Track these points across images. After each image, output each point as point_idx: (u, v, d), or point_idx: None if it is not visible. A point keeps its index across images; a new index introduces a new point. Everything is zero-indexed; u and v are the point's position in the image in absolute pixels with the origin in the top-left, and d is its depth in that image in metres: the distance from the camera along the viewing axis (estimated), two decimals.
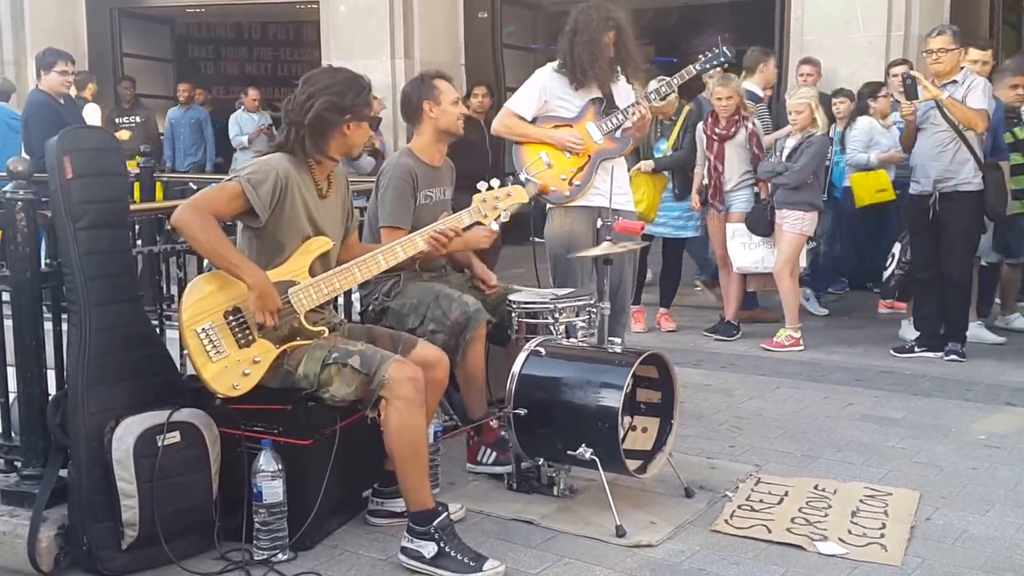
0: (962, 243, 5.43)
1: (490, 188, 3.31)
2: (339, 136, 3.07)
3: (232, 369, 2.93)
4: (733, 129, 6.04)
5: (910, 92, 5.31)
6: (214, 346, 2.92)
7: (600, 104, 4.34)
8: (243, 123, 9.74)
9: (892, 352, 5.66)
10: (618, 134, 4.36)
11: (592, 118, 4.34)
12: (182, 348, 3.02)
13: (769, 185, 5.95)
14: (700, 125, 6.20)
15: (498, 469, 3.66)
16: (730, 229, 6.09)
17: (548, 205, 4.42)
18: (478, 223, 3.30)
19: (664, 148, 6.25)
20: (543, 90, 4.36)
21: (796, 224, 5.77)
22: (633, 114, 4.31)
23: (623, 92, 4.43)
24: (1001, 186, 5.45)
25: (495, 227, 3.37)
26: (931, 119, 5.40)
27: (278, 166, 3.01)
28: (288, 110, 3.07)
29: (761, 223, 5.87)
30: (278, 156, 3.07)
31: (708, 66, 4.55)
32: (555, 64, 4.39)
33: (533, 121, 4.36)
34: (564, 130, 4.32)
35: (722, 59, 4.52)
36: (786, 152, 5.80)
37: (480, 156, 6.33)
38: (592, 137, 4.32)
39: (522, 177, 4.25)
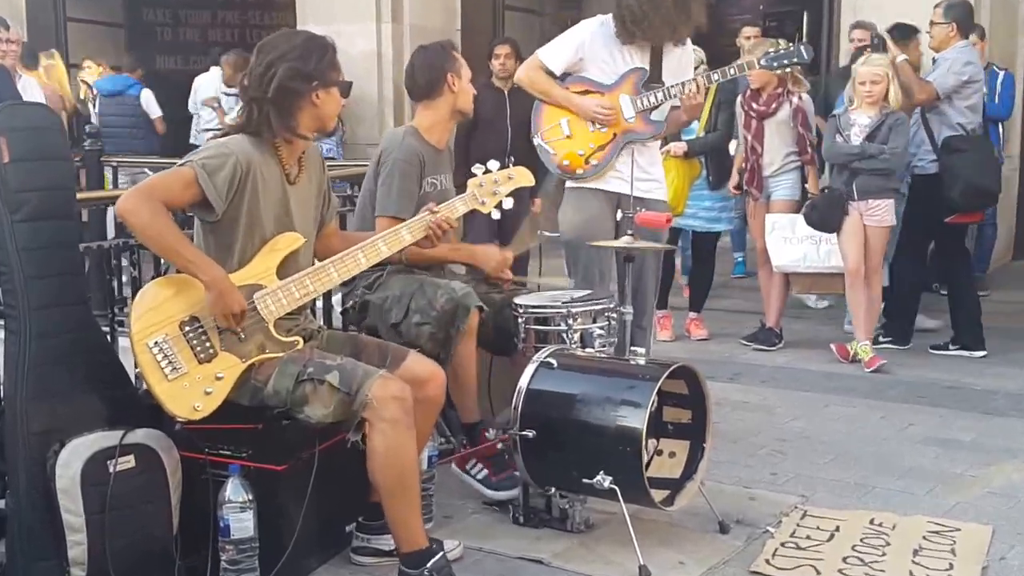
0: (906, 230, 5.95)
1: (487, 171, 3.32)
2: (308, 108, 3.06)
3: (192, 388, 2.93)
4: (775, 104, 6.01)
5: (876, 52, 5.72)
6: (169, 362, 2.91)
7: (642, 76, 4.26)
8: (210, 94, 9.58)
9: (931, 350, 5.96)
10: (654, 115, 4.31)
11: (630, 90, 4.26)
12: (135, 363, 3.03)
13: (828, 172, 5.86)
14: (739, 99, 6.18)
15: (491, 493, 3.67)
16: (770, 221, 6.07)
17: (567, 184, 4.41)
18: (476, 211, 3.34)
19: (695, 128, 6.18)
20: (581, 46, 4.25)
21: (886, 215, 5.71)
22: (685, 91, 4.17)
23: (677, 63, 4.32)
24: (986, 165, 5.77)
25: (496, 214, 3.37)
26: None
27: (238, 149, 3.00)
28: (246, 86, 3.07)
29: (833, 218, 5.72)
30: (239, 138, 3.06)
31: (779, 64, 4.41)
32: (606, 16, 4.28)
33: (563, 78, 4.31)
34: (594, 98, 4.26)
35: (797, 59, 4.39)
36: (856, 130, 5.66)
37: (497, 135, 6.19)
38: (623, 113, 4.26)
39: (535, 141, 4.30)
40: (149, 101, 9.29)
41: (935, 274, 6.79)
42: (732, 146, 6.42)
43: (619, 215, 4.04)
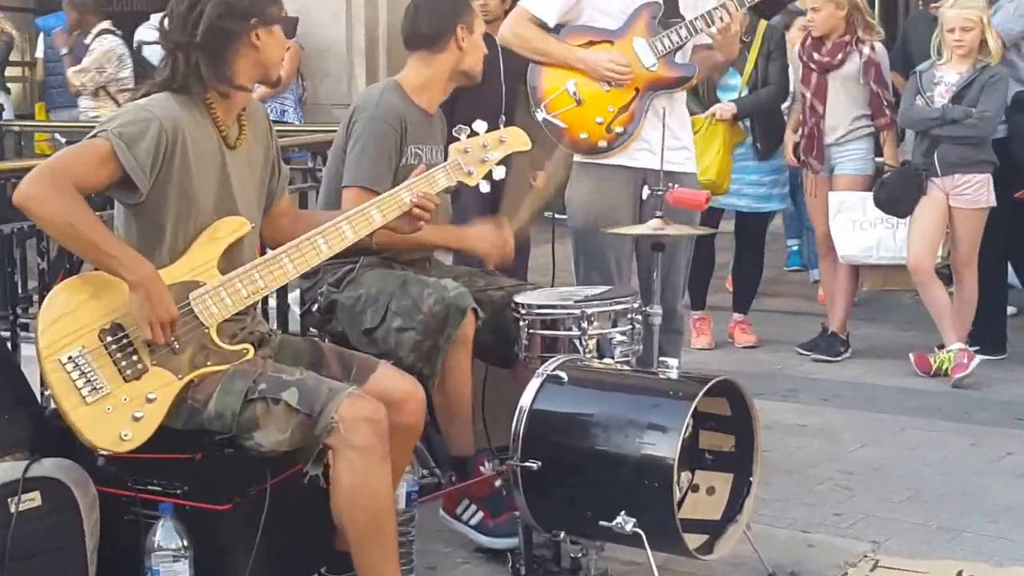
0: None
1: (473, 133, 3.33)
2: (246, 51, 3.08)
3: (117, 412, 2.91)
4: (840, 55, 5.99)
5: None
6: (88, 381, 2.89)
7: (656, 10, 4.24)
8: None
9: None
10: (678, 56, 4.28)
11: (643, 31, 4.23)
12: (43, 382, 3.04)
13: (910, 140, 5.85)
14: (796, 48, 6.15)
15: (487, 540, 3.66)
16: (835, 201, 6.05)
17: (575, 157, 4.40)
18: (461, 184, 3.34)
19: (737, 84, 6.18)
20: None
21: (980, 194, 5.66)
22: (713, 23, 4.12)
23: None
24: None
25: (485, 187, 3.37)
26: None
27: (161, 112, 3.00)
28: (168, 32, 3.09)
29: (908, 198, 5.71)
30: (161, 98, 3.06)
31: None
32: None
33: (558, 31, 4.29)
34: (602, 50, 4.25)
35: None
36: (941, 90, 5.65)
37: (490, 95, 5.92)
38: (642, 61, 4.23)
39: (539, 116, 4.28)
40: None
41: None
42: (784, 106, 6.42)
43: (645, 193, 4.04)
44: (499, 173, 3.37)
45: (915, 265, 5.71)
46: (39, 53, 10.05)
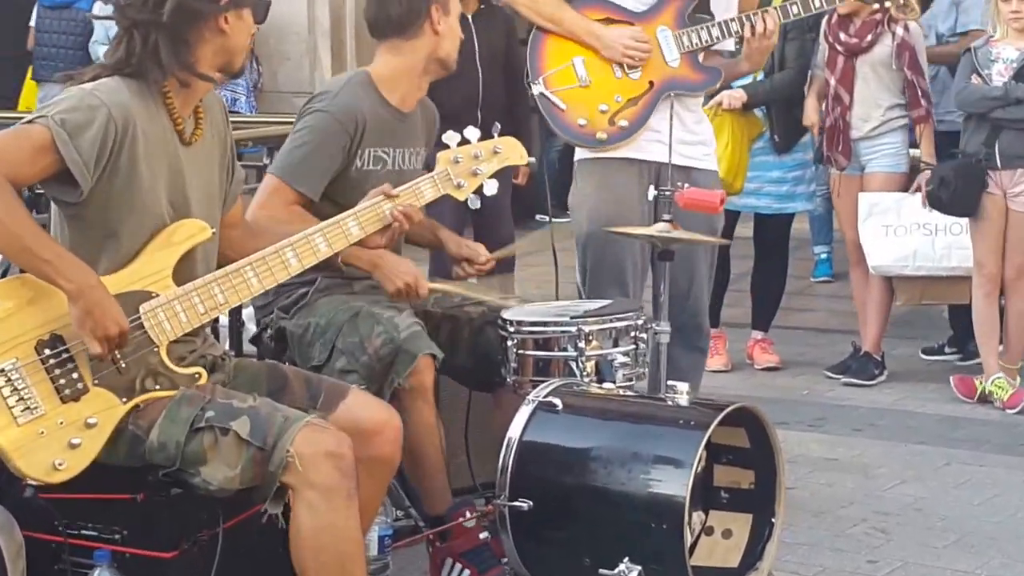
0: None
1: (464, 141, 3.35)
2: (213, 36, 3.07)
3: (52, 437, 2.89)
4: (870, 36, 6.02)
5: None
6: (21, 399, 2.88)
7: (688, 2, 4.29)
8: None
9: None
10: (702, 58, 4.33)
11: (671, 22, 4.28)
12: None
13: (964, 131, 5.84)
14: (822, 28, 6.15)
15: None
16: (865, 203, 6.08)
17: (577, 154, 4.41)
18: (449, 197, 3.38)
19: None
20: None
21: None
22: (750, 28, 4.18)
23: None
24: None
25: (475, 203, 3.41)
26: None
27: (110, 99, 2.98)
28: (125, 7, 3.08)
29: (971, 195, 5.70)
30: (110, 83, 3.04)
31: None
32: None
33: (573, 1, 4.31)
34: (622, 28, 4.26)
35: None
36: (1000, 68, 5.64)
37: (465, 80, 5.91)
38: (664, 54, 4.27)
39: (535, 89, 4.29)
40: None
41: None
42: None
43: (651, 193, 4.04)
44: (491, 188, 3.39)
45: (990, 274, 5.72)
46: (32, 22, 10.19)
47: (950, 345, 6.59)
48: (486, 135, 3.42)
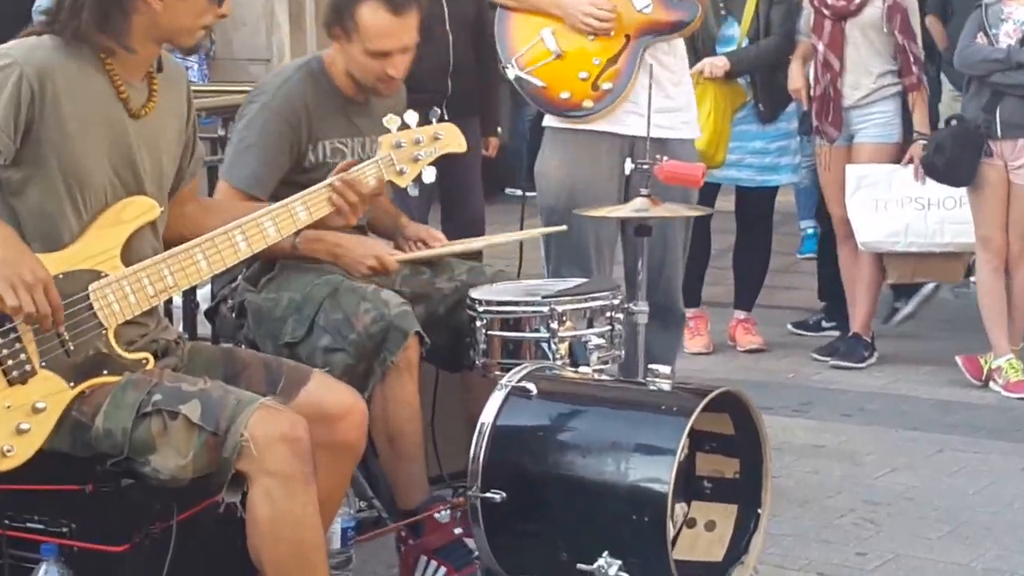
0: None
1: (404, 126, 3.37)
2: (144, 8, 3.01)
3: None
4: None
5: None
6: None
7: None
8: None
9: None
10: None
11: None
12: None
13: (964, 94, 5.84)
14: None
15: None
16: (853, 175, 6.10)
17: (546, 120, 4.44)
18: (392, 184, 3.40)
19: (736, 36, 6.24)
20: None
21: None
22: None
23: None
24: None
25: (414, 191, 3.46)
26: None
27: (24, 57, 2.97)
28: None
29: (966, 163, 5.71)
30: (30, 41, 3.04)
31: None
32: None
33: None
34: None
35: None
36: (1009, 28, 5.62)
37: (435, 49, 5.90)
38: (633, 2, 4.28)
39: (510, 73, 4.38)
40: None
41: None
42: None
43: (628, 166, 4.04)
44: (429, 176, 3.41)
45: (997, 248, 5.73)
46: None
47: (828, 319, 6.68)
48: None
